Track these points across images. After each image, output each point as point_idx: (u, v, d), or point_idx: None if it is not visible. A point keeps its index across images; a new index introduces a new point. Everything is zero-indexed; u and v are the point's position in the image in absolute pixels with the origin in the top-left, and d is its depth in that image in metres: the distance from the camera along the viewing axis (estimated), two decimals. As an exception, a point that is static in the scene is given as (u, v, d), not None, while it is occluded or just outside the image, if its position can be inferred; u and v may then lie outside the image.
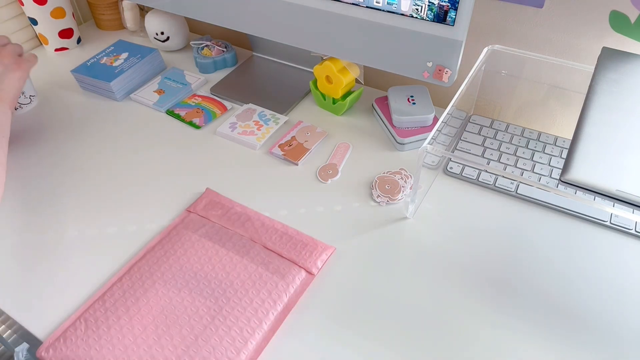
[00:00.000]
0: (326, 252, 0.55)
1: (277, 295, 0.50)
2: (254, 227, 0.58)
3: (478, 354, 0.47)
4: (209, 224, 0.58)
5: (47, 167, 0.70)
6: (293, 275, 0.52)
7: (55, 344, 0.47)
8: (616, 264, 0.54)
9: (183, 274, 0.52)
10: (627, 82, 0.51)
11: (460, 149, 0.68)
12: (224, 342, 0.46)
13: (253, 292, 0.50)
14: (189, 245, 0.56)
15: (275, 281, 0.51)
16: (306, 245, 0.55)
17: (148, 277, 0.52)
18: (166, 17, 0.89)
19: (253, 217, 0.59)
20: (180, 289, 0.51)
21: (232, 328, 0.47)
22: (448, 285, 0.53)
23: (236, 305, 0.49)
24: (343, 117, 0.77)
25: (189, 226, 0.58)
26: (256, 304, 0.49)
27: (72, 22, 0.95)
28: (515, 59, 0.64)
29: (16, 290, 0.54)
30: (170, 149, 0.72)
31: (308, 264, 0.53)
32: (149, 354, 0.45)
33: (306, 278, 0.53)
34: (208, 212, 0.60)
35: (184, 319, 0.48)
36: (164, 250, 0.55)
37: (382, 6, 0.58)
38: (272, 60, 0.89)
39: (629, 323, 0.49)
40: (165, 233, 0.58)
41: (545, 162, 0.65)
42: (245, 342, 0.46)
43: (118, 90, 0.81)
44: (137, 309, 0.49)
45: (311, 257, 0.54)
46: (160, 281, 0.52)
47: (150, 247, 0.56)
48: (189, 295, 0.50)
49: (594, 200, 0.52)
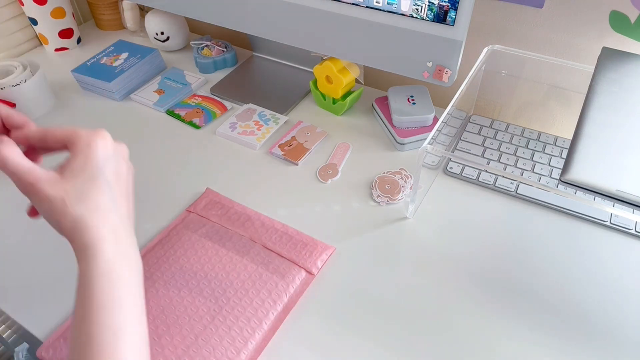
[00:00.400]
0: (326, 252, 0.55)
1: (277, 295, 0.50)
2: (254, 227, 0.57)
3: (478, 353, 0.47)
4: (209, 224, 0.58)
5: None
6: (293, 275, 0.52)
7: (56, 344, 0.47)
8: (616, 264, 0.54)
9: (183, 273, 0.52)
10: (627, 82, 0.51)
11: (460, 149, 0.68)
12: (224, 342, 0.46)
13: (253, 292, 0.50)
14: (189, 245, 0.55)
15: (275, 281, 0.51)
16: (306, 245, 0.55)
17: (148, 277, 0.52)
18: (166, 17, 0.89)
19: (253, 217, 0.59)
20: (180, 288, 0.51)
21: (232, 328, 0.47)
22: (448, 285, 0.53)
23: (236, 305, 0.49)
24: (343, 117, 0.77)
25: (189, 226, 0.58)
26: (256, 303, 0.49)
27: (72, 22, 0.95)
28: (515, 59, 0.64)
29: (16, 290, 0.54)
30: (170, 149, 0.72)
31: (308, 264, 0.53)
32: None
33: (306, 278, 0.53)
34: (208, 212, 0.60)
35: (184, 319, 0.48)
36: (163, 250, 0.55)
37: (382, 6, 0.58)
38: (272, 60, 0.89)
39: (629, 323, 0.49)
40: (165, 233, 0.58)
41: (545, 162, 0.65)
42: (245, 342, 0.46)
43: (118, 90, 0.81)
44: None
45: (311, 257, 0.54)
46: (160, 281, 0.51)
47: (150, 247, 0.56)
48: (189, 295, 0.50)
49: (594, 200, 0.52)
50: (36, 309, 0.52)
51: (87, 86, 0.84)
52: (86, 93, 0.84)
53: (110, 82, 0.79)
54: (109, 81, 0.80)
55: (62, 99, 0.83)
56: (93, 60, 0.85)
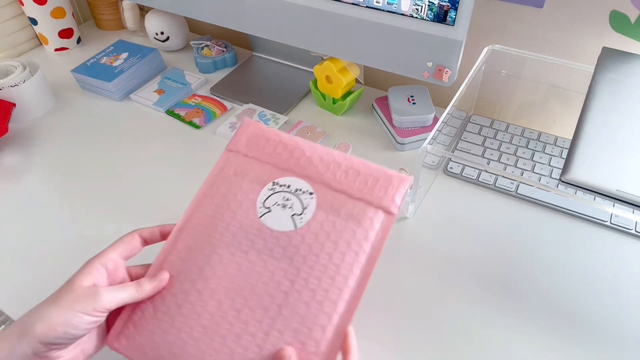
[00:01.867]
0: (403, 184, 0.44)
1: (358, 245, 0.42)
2: (312, 164, 0.45)
3: (477, 353, 0.47)
4: (258, 165, 0.46)
5: (46, 167, 0.70)
6: (370, 218, 0.43)
7: (125, 331, 0.40)
8: (616, 264, 0.54)
9: (244, 232, 0.43)
10: (627, 82, 0.51)
11: (460, 149, 0.68)
12: (311, 309, 0.39)
13: (329, 245, 0.42)
14: (241, 195, 0.45)
15: (352, 229, 0.42)
16: (378, 180, 0.44)
17: (206, 241, 0.43)
18: (166, 17, 0.89)
19: (308, 151, 0.46)
20: (246, 251, 0.42)
21: (316, 291, 0.40)
22: (448, 285, 0.53)
23: (314, 263, 0.41)
24: (343, 117, 0.77)
25: (236, 171, 0.46)
26: (336, 258, 0.41)
27: (72, 22, 0.95)
28: (515, 59, 0.64)
29: (16, 291, 0.54)
30: (170, 149, 0.72)
31: (385, 203, 0.43)
32: (232, 333, 0.39)
33: (386, 220, 0.43)
34: (253, 149, 0.48)
35: (260, 287, 0.41)
36: (213, 205, 0.45)
37: (382, 6, 0.58)
38: (272, 60, 0.89)
39: (629, 323, 0.49)
40: (208, 185, 0.47)
41: (545, 162, 0.65)
42: (334, 305, 0.39)
43: (118, 90, 0.81)
44: (205, 281, 0.41)
45: (387, 193, 0.43)
46: (220, 245, 0.43)
47: (195, 206, 0.45)
48: (259, 258, 0.42)
49: (594, 200, 0.52)
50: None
51: (87, 86, 0.84)
52: (86, 93, 0.84)
53: (110, 82, 0.79)
54: (109, 81, 0.80)
55: (62, 99, 0.83)
56: (93, 60, 0.85)
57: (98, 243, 0.58)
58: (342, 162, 0.46)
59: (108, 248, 0.41)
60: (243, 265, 0.42)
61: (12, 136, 0.74)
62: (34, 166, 0.70)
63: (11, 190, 0.67)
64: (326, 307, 0.39)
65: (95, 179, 0.67)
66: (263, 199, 0.44)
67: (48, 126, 0.77)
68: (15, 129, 0.76)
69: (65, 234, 0.60)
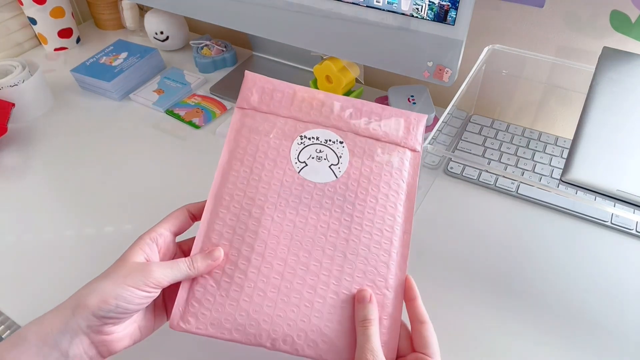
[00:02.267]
0: (421, 122, 0.47)
1: (397, 185, 0.44)
2: (333, 113, 0.46)
3: (478, 354, 0.47)
4: (279, 121, 0.46)
5: (46, 167, 0.70)
6: (400, 158, 0.45)
7: (190, 309, 0.39)
8: (617, 264, 0.54)
9: (288, 189, 0.43)
10: (627, 82, 0.50)
11: (461, 149, 0.68)
12: (372, 250, 0.41)
13: (373, 188, 0.43)
14: (272, 153, 0.44)
15: (388, 170, 0.44)
16: (399, 121, 0.46)
17: (250, 204, 0.42)
18: (166, 16, 0.89)
19: (326, 101, 0.46)
20: (295, 207, 0.43)
21: (372, 233, 0.42)
22: (448, 285, 0.52)
23: (363, 208, 0.43)
24: (343, 117, 0.77)
25: (256, 129, 0.45)
26: (382, 200, 0.43)
27: (72, 22, 0.95)
28: (516, 58, 0.64)
29: (16, 291, 0.54)
30: (169, 149, 0.72)
31: (410, 141, 0.46)
32: (306, 286, 0.40)
33: (413, 157, 0.46)
34: (268, 105, 0.47)
35: (320, 239, 0.42)
36: (244, 166, 0.44)
37: (382, 6, 0.58)
38: (272, 60, 0.89)
39: (630, 323, 0.49)
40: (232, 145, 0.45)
41: (545, 162, 0.64)
42: (390, 241, 0.42)
43: (117, 90, 0.81)
44: (263, 243, 0.41)
45: (409, 131, 0.46)
46: (268, 205, 0.42)
47: (224, 169, 0.44)
48: (310, 211, 0.42)
49: (595, 200, 0.52)
50: (36, 309, 0.52)
51: (87, 86, 0.84)
52: (85, 93, 0.84)
53: (109, 81, 0.79)
54: (108, 81, 0.79)
55: (61, 99, 0.83)
56: (92, 60, 0.85)
57: (98, 243, 0.59)
58: (362, 107, 0.46)
59: (158, 223, 0.41)
60: (297, 222, 0.42)
61: (12, 136, 0.74)
62: (34, 166, 0.70)
63: (11, 190, 0.66)
64: (384, 245, 0.42)
65: (94, 178, 0.67)
66: (296, 154, 0.45)
67: (47, 126, 0.77)
68: (15, 129, 0.76)
69: (65, 233, 0.59)
